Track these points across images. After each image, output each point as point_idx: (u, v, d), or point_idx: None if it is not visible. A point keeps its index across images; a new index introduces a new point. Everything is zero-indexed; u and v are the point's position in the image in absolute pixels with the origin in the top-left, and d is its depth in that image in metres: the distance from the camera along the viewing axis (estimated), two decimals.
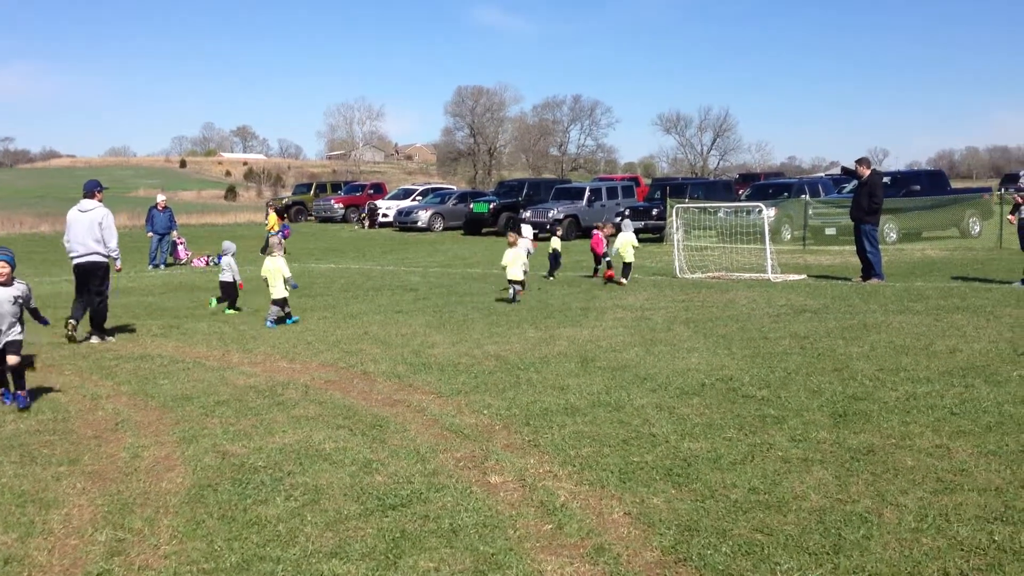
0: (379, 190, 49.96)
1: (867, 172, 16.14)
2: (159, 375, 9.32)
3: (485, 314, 13.22)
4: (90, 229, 11.61)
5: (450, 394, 8.05)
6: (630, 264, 17.25)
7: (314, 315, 13.67)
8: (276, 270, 12.70)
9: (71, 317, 11.55)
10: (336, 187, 53.67)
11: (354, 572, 4.40)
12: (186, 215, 47.38)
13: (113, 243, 11.75)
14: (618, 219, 26.03)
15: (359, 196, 48.51)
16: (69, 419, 7.57)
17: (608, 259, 17.67)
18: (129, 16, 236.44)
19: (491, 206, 36.67)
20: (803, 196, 27.83)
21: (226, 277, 14.24)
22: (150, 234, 25.46)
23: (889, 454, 5.90)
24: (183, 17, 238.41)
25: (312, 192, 52.89)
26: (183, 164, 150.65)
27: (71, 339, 11.41)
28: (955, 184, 36.41)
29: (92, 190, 12.00)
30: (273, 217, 29.53)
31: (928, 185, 26.78)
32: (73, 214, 11.82)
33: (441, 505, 5.25)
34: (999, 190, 28.02)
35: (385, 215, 42.18)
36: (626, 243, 17.21)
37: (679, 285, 16.72)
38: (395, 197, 45.79)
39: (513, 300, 14.37)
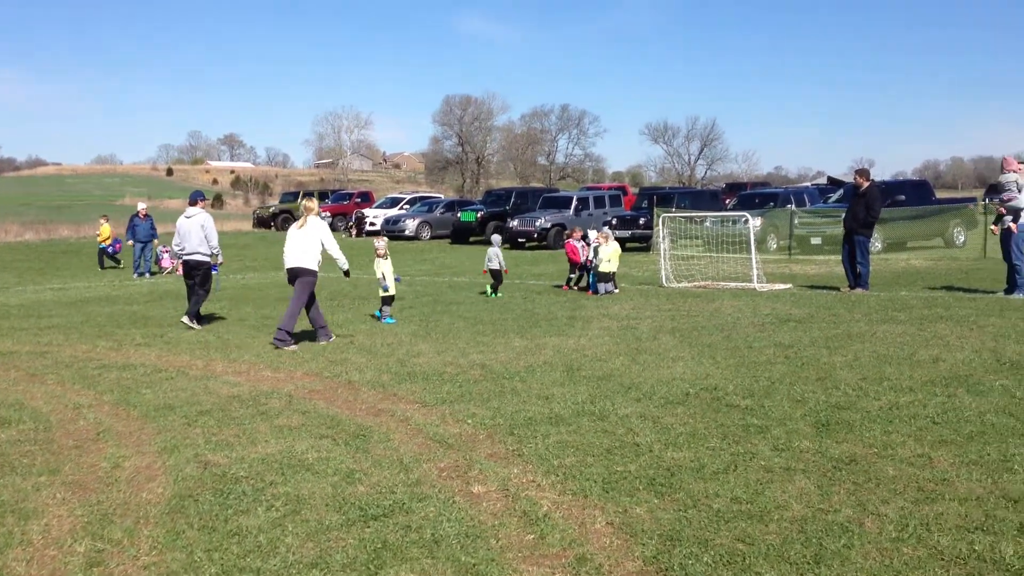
0: (367, 199, 49.94)
1: (866, 184, 16.21)
2: (142, 385, 9.28)
3: (471, 323, 13.22)
4: (195, 231, 13.51)
5: (434, 403, 8.03)
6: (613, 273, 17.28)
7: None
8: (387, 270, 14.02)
9: (187, 313, 13.55)
10: (323, 195, 53.55)
11: None
12: (172, 224, 47.15)
13: (214, 242, 13.73)
14: (605, 228, 26.06)
15: (346, 204, 48.49)
16: (50, 429, 7.52)
17: (589, 268, 17.64)
18: (115, 23, 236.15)
19: (479, 215, 36.69)
20: (789, 206, 27.96)
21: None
22: (131, 243, 25.38)
23: (871, 463, 5.91)
24: (170, 25, 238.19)
25: (299, 200, 52.71)
26: (170, 172, 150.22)
27: (189, 328, 13.34)
28: (940, 194, 36.65)
29: (196, 199, 14.02)
30: (106, 228, 29.05)
31: (913, 195, 26.91)
32: (181, 220, 13.76)
33: (423, 515, 5.23)
34: (984, 200, 28.17)
35: (372, 224, 42.12)
36: (616, 252, 17.21)
37: (665, 294, 16.74)
38: (382, 206, 45.75)
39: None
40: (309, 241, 11.81)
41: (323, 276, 23.47)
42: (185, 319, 13.51)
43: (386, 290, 13.71)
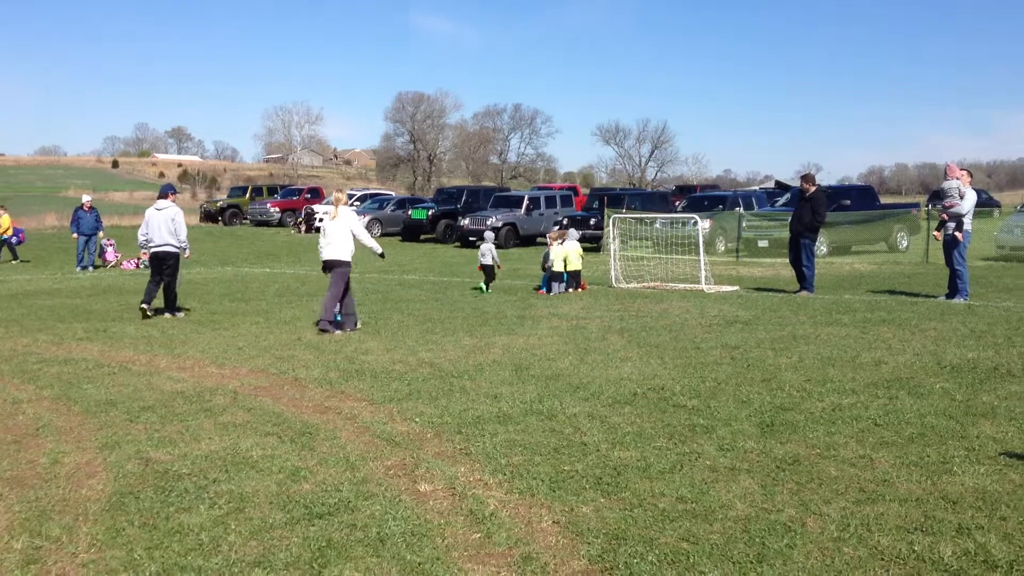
0: (316, 194, 49.46)
1: (812, 189, 16.46)
2: (83, 380, 9.11)
3: (420, 321, 13.18)
4: (165, 224, 13.97)
5: (382, 401, 7.99)
6: (578, 272, 17.44)
7: (246, 320, 13.50)
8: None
9: (144, 300, 13.98)
10: (272, 191, 52.99)
11: None
12: (118, 216, 46.40)
13: (183, 235, 14.20)
14: (556, 228, 26.14)
15: (296, 200, 47.99)
16: None
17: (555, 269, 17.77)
18: (60, 12, 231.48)
19: (430, 213, 36.58)
20: (737, 209, 28.23)
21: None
22: (75, 235, 24.91)
23: (814, 464, 5.99)
24: (117, 14, 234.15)
25: (248, 195, 52.07)
26: (115, 164, 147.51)
27: (145, 316, 13.77)
28: (884, 199, 37.28)
29: (167, 192, 14.47)
30: (6, 219, 28.38)
31: (858, 200, 27.33)
32: (151, 212, 14.19)
33: (369, 514, 5.19)
34: (927, 206, 28.70)
35: (322, 220, 41.69)
36: (571, 250, 17.27)
37: (615, 295, 16.83)
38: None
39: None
40: (343, 232, 12.42)
41: (274, 272, 23.26)
42: (145, 306, 13.97)
43: None
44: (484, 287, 17.74)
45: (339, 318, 12.39)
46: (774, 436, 6.66)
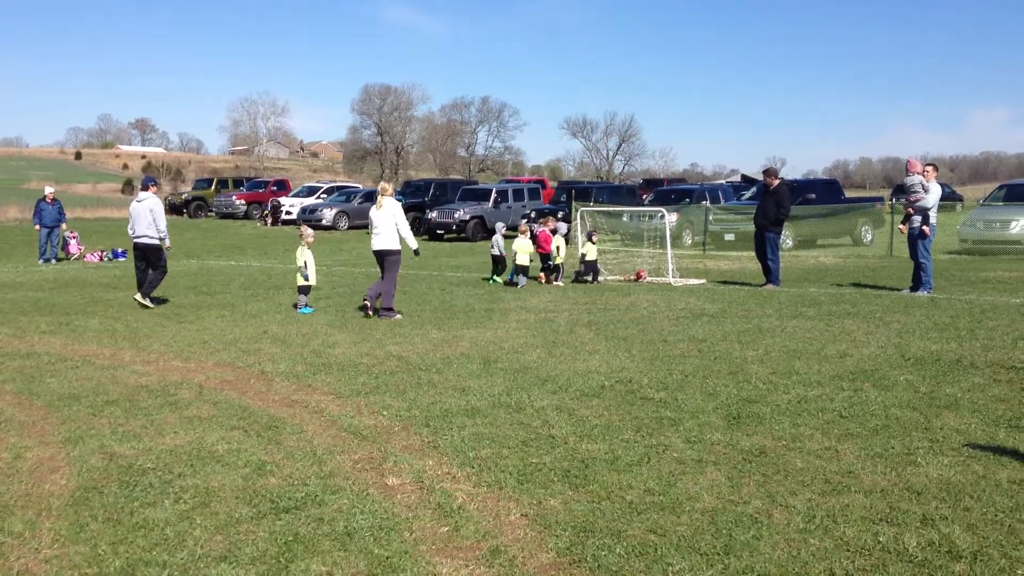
0: (283, 187, 49.10)
1: (776, 182, 16.56)
2: (46, 373, 8.99)
3: None
4: (144, 215, 14.23)
5: (349, 395, 7.95)
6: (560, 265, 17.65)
7: (211, 313, 13.38)
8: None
9: (141, 292, 14.19)
10: (238, 183, 52.61)
11: None
12: (81, 208, 45.83)
13: (162, 226, 14.37)
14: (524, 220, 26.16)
15: (262, 193, 47.61)
16: None
17: (549, 263, 17.95)
18: (20, 2, 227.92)
19: None
20: (704, 202, 28.38)
21: None
22: (37, 227, 24.56)
23: (780, 456, 6.03)
24: (79, 3, 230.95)
25: (213, 187, 51.67)
26: (78, 156, 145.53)
27: (143, 307, 13.94)
28: (849, 193, 37.59)
29: (148, 184, 15.00)
30: None
31: (823, 194, 27.55)
32: (133, 204, 14.56)
33: (336, 508, 5.17)
34: (891, 200, 28.99)
35: (289, 212, 41.48)
36: (529, 247, 17.35)
37: (582, 288, 16.86)
38: (299, 194, 45.06)
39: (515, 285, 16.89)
40: (388, 222, 12.84)
41: (240, 265, 23.08)
42: (138, 296, 14.16)
43: (307, 279, 13.55)
44: (492, 277, 18.11)
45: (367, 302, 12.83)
46: (740, 428, 6.70)
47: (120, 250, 25.77)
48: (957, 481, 5.49)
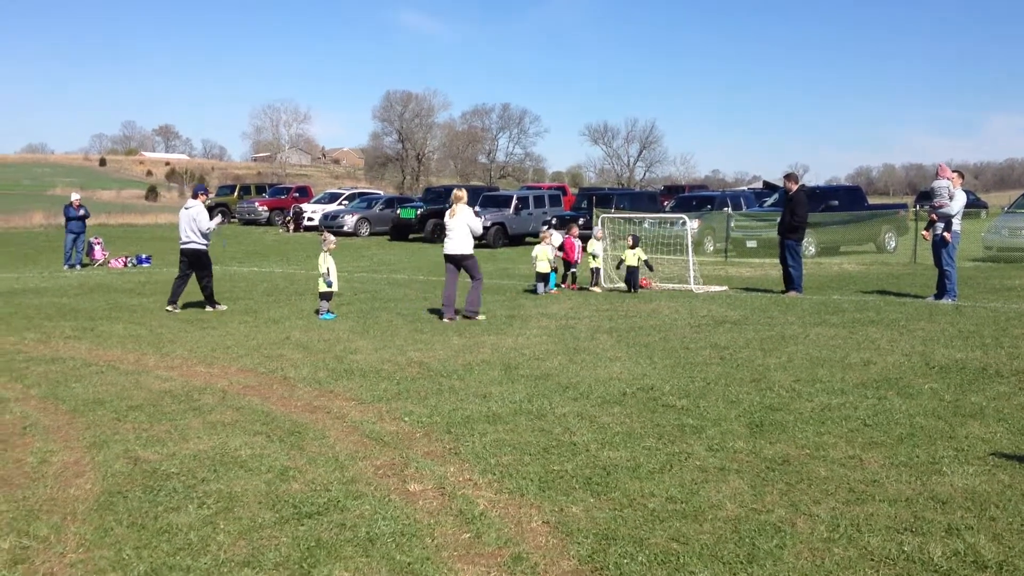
0: (304, 193, 49.32)
1: (794, 187, 16.43)
2: (71, 378, 9.06)
3: (409, 320, 13.15)
4: (189, 222, 14.67)
5: (371, 401, 7.97)
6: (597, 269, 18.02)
7: (235, 319, 13.45)
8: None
9: (169, 300, 14.61)
10: (261, 189, 52.86)
11: None
12: (105, 215, 46.22)
13: (204, 227, 14.65)
14: (545, 227, 26.17)
15: (284, 199, 47.83)
16: None
17: (572, 270, 18.04)
18: (47, 9, 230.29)
19: (418, 212, 36.51)
20: (726, 209, 28.28)
21: None
22: (82, 212, 24.53)
23: (803, 464, 6.00)
24: (105, 11, 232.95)
25: (236, 194, 51.92)
26: (103, 163, 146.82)
27: (217, 311, 14.51)
28: (872, 200, 37.41)
29: (197, 192, 15.39)
30: None
31: (846, 200, 27.40)
32: (181, 211, 15.04)
33: (358, 513, 5.18)
34: (915, 206, 28.81)
35: (311, 219, 41.66)
36: (546, 252, 17.35)
37: (603, 295, 16.84)
38: (321, 201, 45.25)
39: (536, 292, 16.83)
40: (462, 228, 13.48)
41: (262, 271, 23.19)
42: (208, 307, 14.71)
43: (330, 285, 13.60)
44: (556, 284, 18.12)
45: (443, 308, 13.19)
46: (763, 436, 6.67)
47: (144, 256, 25.95)
48: (983, 490, 5.44)
